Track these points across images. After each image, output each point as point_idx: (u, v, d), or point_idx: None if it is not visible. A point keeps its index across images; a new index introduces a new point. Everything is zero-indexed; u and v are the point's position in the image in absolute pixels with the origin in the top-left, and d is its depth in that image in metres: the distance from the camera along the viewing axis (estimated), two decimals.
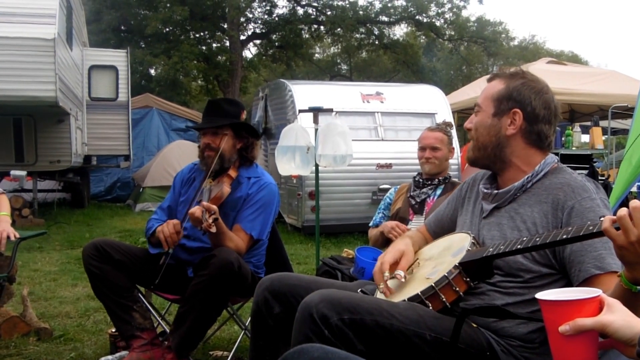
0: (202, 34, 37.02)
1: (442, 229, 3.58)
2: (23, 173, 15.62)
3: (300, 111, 9.84)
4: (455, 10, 39.12)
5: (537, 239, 2.62)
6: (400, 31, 42.82)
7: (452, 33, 40.58)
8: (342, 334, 2.71)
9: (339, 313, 2.73)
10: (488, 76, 3.37)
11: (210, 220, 4.54)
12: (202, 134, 5.28)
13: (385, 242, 5.66)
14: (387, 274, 3.19)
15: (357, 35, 39.37)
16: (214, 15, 35.74)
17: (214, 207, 4.63)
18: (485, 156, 3.21)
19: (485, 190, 3.24)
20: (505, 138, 3.13)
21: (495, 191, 3.18)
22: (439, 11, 38.80)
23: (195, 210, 4.62)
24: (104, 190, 22.16)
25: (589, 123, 15.72)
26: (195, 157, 5.40)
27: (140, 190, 19.01)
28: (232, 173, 5.16)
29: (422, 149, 5.77)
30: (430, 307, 2.92)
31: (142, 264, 5.07)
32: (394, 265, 3.25)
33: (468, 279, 2.93)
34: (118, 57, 19.47)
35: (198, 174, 5.37)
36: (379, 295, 3.27)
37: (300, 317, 2.80)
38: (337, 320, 2.72)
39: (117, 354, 5.16)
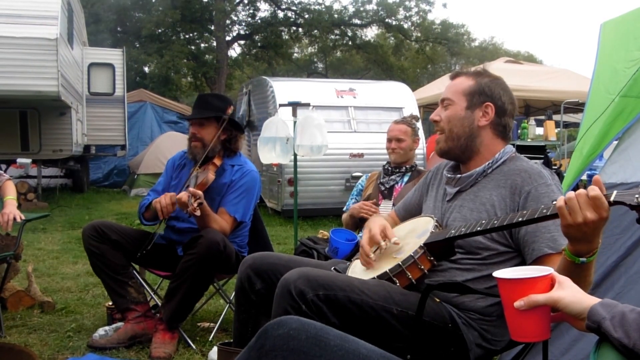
0: (191, 35, 36.92)
1: (409, 213, 3.57)
2: (28, 161, 15.61)
3: (281, 105, 9.81)
4: (421, 13, 39.23)
5: (495, 222, 2.64)
6: (371, 33, 42.81)
7: (419, 35, 40.60)
8: (317, 308, 2.71)
9: (314, 289, 2.73)
10: (450, 74, 3.37)
11: (195, 205, 4.57)
12: (190, 124, 5.28)
13: (355, 224, 5.68)
14: (383, 243, 3.17)
15: (332, 37, 39.41)
16: (202, 17, 35.64)
17: (199, 192, 4.65)
18: (457, 146, 3.18)
19: (449, 175, 3.24)
20: (477, 129, 3.13)
21: (458, 175, 3.18)
22: (407, 15, 38.92)
23: (182, 195, 4.65)
24: (102, 176, 22.07)
25: (543, 117, 15.75)
26: (185, 147, 5.39)
27: (135, 176, 18.95)
28: (217, 161, 5.17)
29: (388, 140, 5.78)
30: (398, 284, 2.93)
31: (137, 244, 5.08)
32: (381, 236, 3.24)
33: (432, 258, 2.93)
34: (115, 56, 19.38)
35: (187, 160, 5.37)
36: (350, 272, 3.28)
37: (279, 292, 2.80)
38: (313, 295, 2.72)
39: (114, 325, 5.15)
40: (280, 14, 37.67)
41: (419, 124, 6.46)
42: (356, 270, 3.26)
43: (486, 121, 3.12)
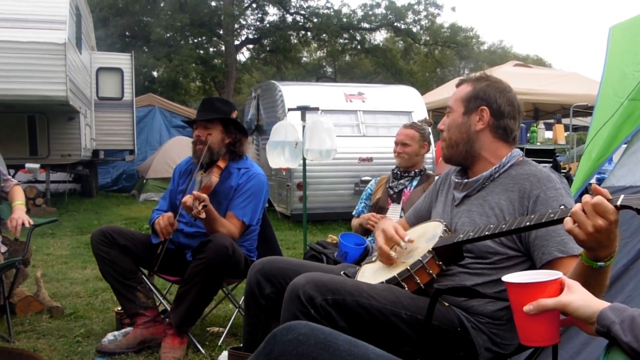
0: (200, 39, 36.99)
1: (420, 220, 3.57)
2: (37, 166, 15.61)
3: (289, 109, 9.77)
4: (430, 17, 39.20)
5: (503, 226, 2.63)
6: (380, 37, 42.72)
7: (428, 38, 40.58)
8: (326, 313, 2.72)
9: (323, 294, 2.74)
10: (456, 81, 3.40)
11: (200, 207, 4.59)
12: (194, 128, 5.30)
13: (364, 230, 5.67)
14: (402, 243, 3.15)
15: (341, 41, 39.34)
16: (210, 22, 35.68)
17: (204, 195, 4.67)
18: (457, 152, 3.22)
19: (457, 180, 3.25)
20: (474, 133, 3.15)
21: (466, 180, 3.19)
22: (416, 18, 38.86)
23: (187, 199, 4.67)
24: (110, 181, 22.08)
25: (552, 120, 15.68)
26: None
27: (144, 181, 18.94)
28: (221, 164, 5.18)
29: (395, 144, 5.81)
30: (406, 289, 2.93)
31: (145, 249, 5.11)
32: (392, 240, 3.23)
33: (440, 263, 2.93)
34: (123, 60, 19.41)
35: (194, 166, 5.37)
36: (359, 276, 3.28)
37: (288, 297, 2.81)
38: (322, 300, 2.73)
39: (123, 330, 5.17)
40: (289, 18, 37.70)
41: (430, 129, 6.46)
42: (365, 274, 3.26)
43: (482, 125, 3.14)
